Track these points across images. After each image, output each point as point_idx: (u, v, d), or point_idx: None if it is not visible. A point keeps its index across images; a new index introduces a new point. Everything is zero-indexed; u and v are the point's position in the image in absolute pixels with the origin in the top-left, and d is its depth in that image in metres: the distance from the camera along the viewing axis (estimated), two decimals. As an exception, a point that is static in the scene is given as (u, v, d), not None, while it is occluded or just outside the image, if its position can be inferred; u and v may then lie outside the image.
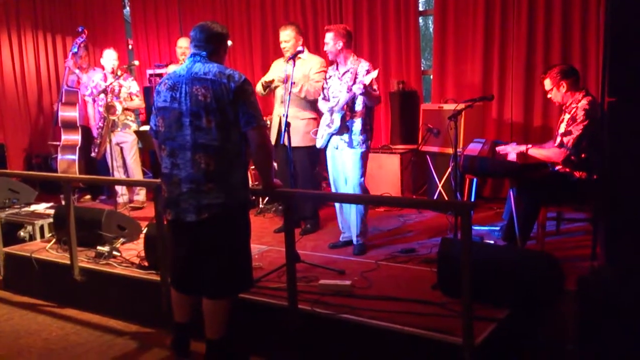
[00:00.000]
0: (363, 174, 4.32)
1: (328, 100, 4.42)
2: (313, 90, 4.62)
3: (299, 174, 4.78)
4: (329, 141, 4.39)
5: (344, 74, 4.31)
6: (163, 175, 2.97)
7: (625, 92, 2.47)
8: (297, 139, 4.56)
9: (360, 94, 4.08)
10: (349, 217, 4.43)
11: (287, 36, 4.76)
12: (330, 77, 4.45)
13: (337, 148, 4.36)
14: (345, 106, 4.21)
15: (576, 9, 5.37)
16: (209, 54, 2.90)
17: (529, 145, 4.00)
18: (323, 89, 4.50)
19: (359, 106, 4.23)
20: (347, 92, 4.18)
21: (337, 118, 4.25)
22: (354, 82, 4.15)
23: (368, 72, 4.14)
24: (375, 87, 4.19)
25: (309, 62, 4.74)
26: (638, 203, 2.49)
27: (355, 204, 4.32)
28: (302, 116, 4.72)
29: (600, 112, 3.79)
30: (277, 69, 4.88)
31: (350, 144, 4.27)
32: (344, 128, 4.24)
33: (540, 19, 5.54)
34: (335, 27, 4.31)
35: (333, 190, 4.60)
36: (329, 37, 4.28)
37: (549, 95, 4.11)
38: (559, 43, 5.47)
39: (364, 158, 4.32)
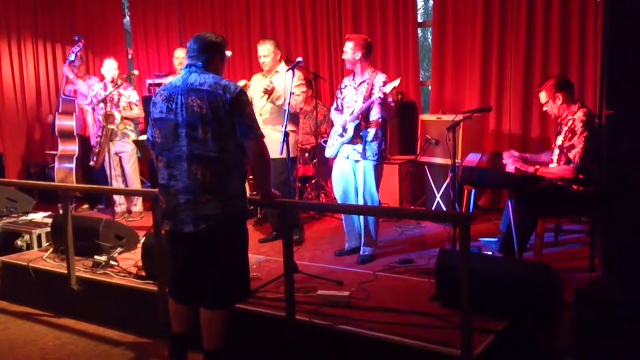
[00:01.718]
0: (377, 186, 4.32)
1: (341, 110, 4.46)
2: (295, 103, 4.58)
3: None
4: (339, 150, 4.40)
5: (360, 84, 4.33)
6: (160, 186, 2.97)
7: (622, 104, 2.48)
8: (273, 151, 4.51)
9: (379, 103, 4.11)
10: (354, 226, 4.50)
11: (266, 50, 4.79)
12: (345, 86, 4.47)
13: (347, 157, 4.37)
14: (359, 115, 4.22)
15: (574, 21, 5.40)
16: (205, 64, 2.90)
17: (537, 166, 3.99)
18: (337, 98, 4.55)
19: (374, 116, 4.24)
20: (363, 102, 4.20)
21: (350, 127, 4.27)
22: (370, 94, 4.18)
23: (385, 83, 4.15)
24: (391, 99, 4.23)
25: (287, 76, 4.63)
26: (636, 215, 2.50)
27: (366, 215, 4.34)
28: (279, 128, 4.58)
29: (597, 123, 3.82)
30: (257, 83, 4.87)
31: (363, 155, 4.27)
32: (357, 138, 4.26)
33: (538, 32, 5.57)
34: (356, 37, 4.34)
35: (338, 200, 4.57)
36: (348, 46, 4.29)
37: (544, 108, 4.14)
38: (556, 55, 5.50)
39: (378, 170, 4.32)
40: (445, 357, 2.66)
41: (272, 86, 4.59)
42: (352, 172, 4.40)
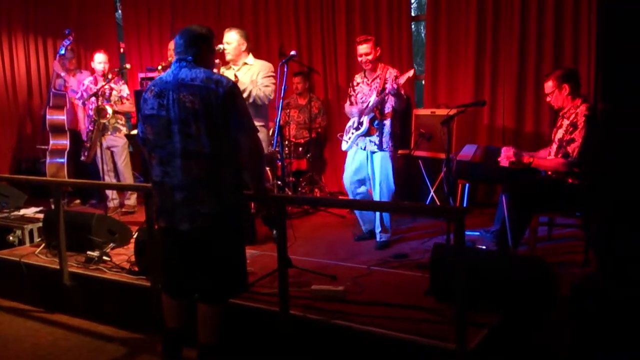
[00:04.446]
0: (394, 175, 4.55)
1: (356, 105, 4.64)
2: (263, 95, 4.52)
3: None
4: (354, 142, 4.60)
5: (373, 80, 4.52)
6: (154, 184, 2.94)
7: (618, 99, 2.48)
8: None
9: (392, 94, 4.29)
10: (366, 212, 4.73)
11: (229, 38, 4.61)
12: (357, 83, 4.66)
13: (364, 149, 4.55)
14: (374, 109, 4.42)
15: (568, 16, 5.40)
16: (194, 57, 2.86)
17: (532, 158, 4.00)
18: (350, 95, 4.71)
19: (388, 109, 4.45)
20: (377, 96, 4.39)
21: (365, 120, 4.48)
22: (383, 88, 4.38)
23: (396, 77, 4.36)
24: (402, 91, 4.39)
25: (256, 67, 4.62)
26: (631, 209, 2.50)
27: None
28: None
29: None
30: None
31: (380, 147, 4.48)
32: (372, 129, 4.46)
33: (532, 26, 5.57)
34: (367, 37, 4.51)
35: (347, 187, 4.73)
36: (368, 47, 4.43)
37: (548, 99, 4.12)
38: (550, 49, 5.50)
39: (394, 159, 4.56)
40: (439, 352, 2.66)
41: (233, 79, 4.46)
42: (367, 163, 4.59)
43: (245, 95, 4.35)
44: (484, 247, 4.31)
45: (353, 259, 4.24)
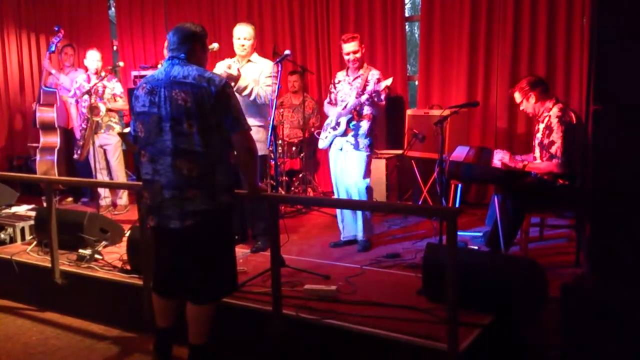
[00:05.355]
0: (368, 176, 4.49)
1: (335, 104, 4.60)
2: (264, 94, 4.42)
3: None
4: (332, 142, 4.56)
5: (354, 79, 4.48)
6: (144, 182, 2.93)
7: (609, 100, 2.49)
8: None
9: (366, 102, 4.27)
10: (350, 216, 4.60)
11: (247, 33, 4.52)
12: (339, 81, 4.61)
13: (341, 149, 4.52)
14: (352, 110, 4.38)
15: (561, 18, 5.43)
16: (187, 55, 2.85)
17: (525, 162, 4.03)
18: (330, 93, 4.68)
19: (367, 110, 4.41)
20: (356, 97, 4.35)
21: (343, 121, 4.44)
22: (364, 89, 4.33)
23: (379, 80, 4.32)
24: (382, 96, 4.33)
25: (260, 66, 4.55)
26: (621, 210, 2.52)
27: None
28: (250, 123, 4.44)
29: (572, 116, 3.87)
30: (221, 69, 4.44)
31: (356, 147, 4.44)
32: (349, 130, 4.42)
33: (525, 27, 5.59)
34: (353, 35, 4.47)
35: (335, 190, 4.72)
36: (356, 44, 4.39)
37: (521, 108, 4.17)
38: (543, 51, 5.52)
39: (369, 161, 4.51)
40: (431, 351, 2.67)
41: (236, 74, 4.26)
42: (345, 164, 4.53)
43: (246, 92, 4.29)
44: (475, 247, 4.33)
45: (346, 259, 4.24)
